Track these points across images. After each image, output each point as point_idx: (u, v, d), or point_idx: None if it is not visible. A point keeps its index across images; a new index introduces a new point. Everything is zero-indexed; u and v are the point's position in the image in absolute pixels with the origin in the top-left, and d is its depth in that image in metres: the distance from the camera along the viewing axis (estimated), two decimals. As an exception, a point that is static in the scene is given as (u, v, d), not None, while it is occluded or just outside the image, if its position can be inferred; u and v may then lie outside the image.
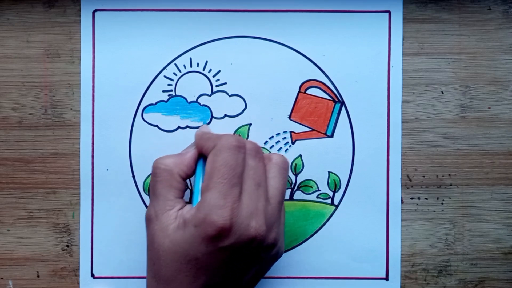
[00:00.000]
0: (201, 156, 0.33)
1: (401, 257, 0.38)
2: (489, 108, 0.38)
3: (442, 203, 0.38)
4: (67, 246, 0.38)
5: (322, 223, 0.38)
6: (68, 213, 0.38)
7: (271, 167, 0.32)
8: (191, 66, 0.38)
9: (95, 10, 0.38)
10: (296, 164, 0.38)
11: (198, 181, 0.32)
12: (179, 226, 0.30)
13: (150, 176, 0.37)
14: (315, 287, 0.38)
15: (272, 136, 0.38)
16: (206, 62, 0.38)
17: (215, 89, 0.38)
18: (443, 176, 0.38)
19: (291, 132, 0.38)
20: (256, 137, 0.38)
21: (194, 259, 0.29)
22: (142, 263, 0.38)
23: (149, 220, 0.31)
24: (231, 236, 0.29)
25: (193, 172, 0.33)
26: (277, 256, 0.33)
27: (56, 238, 0.38)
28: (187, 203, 0.32)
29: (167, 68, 0.38)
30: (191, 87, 0.38)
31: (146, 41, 0.37)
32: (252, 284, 0.33)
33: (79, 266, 0.38)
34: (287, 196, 0.38)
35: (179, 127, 0.38)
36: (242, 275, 0.31)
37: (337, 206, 0.38)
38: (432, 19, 0.38)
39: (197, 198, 0.31)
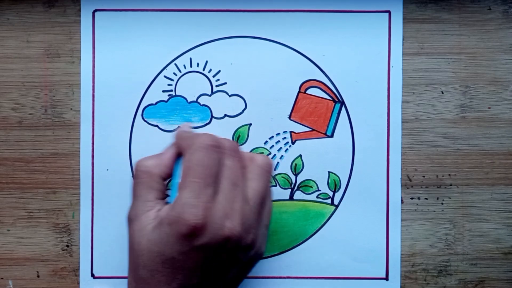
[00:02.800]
0: (180, 156, 0.33)
1: (401, 257, 0.38)
2: (489, 108, 0.38)
3: (442, 203, 0.38)
4: (67, 246, 0.38)
5: (322, 223, 0.38)
6: (68, 213, 0.38)
7: (252, 168, 0.32)
8: (191, 66, 0.38)
9: (95, 10, 0.38)
10: (296, 164, 0.38)
11: (175, 180, 0.32)
12: (155, 226, 0.30)
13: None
14: (315, 287, 0.38)
15: (272, 136, 0.38)
16: (206, 62, 0.38)
17: (215, 89, 0.38)
18: (443, 176, 0.38)
19: (291, 132, 0.38)
20: (256, 137, 0.38)
21: (170, 259, 0.29)
22: (142, 263, 0.38)
23: (129, 221, 0.32)
24: (205, 235, 0.29)
25: (171, 172, 0.33)
26: (257, 257, 0.32)
27: (56, 238, 0.38)
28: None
29: (167, 68, 0.38)
30: (191, 87, 0.38)
31: (146, 41, 0.37)
32: (233, 285, 0.32)
33: (79, 266, 0.38)
34: (287, 196, 0.38)
35: (179, 127, 0.38)
36: (220, 276, 0.31)
37: (337, 206, 0.38)
38: (432, 19, 0.38)
39: (174, 196, 0.31)
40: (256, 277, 0.38)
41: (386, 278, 0.38)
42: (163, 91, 0.38)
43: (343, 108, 0.38)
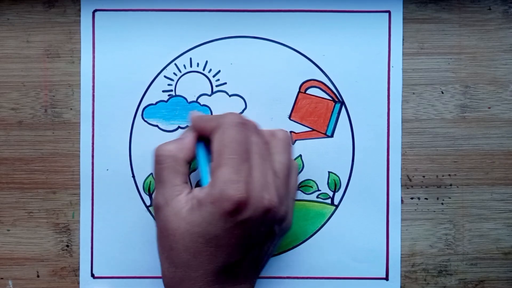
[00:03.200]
0: (200, 139, 0.33)
1: (401, 257, 0.38)
2: (489, 108, 0.38)
3: (442, 203, 0.38)
4: (67, 246, 0.38)
5: (322, 223, 0.38)
6: (68, 213, 0.38)
7: (276, 143, 0.33)
8: (191, 66, 0.38)
9: (95, 10, 0.38)
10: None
11: (203, 163, 0.33)
12: (193, 207, 0.30)
13: (149, 176, 0.38)
14: (315, 287, 0.38)
15: (272, 136, 0.38)
16: (206, 62, 0.38)
17: (215, 89, 0.38)
18: (443, 176, 0.38)
19: (291, 132, 0.38)
20: (256, 137, 0.38)
21: (214, 237, 0.29)
22: (142, 263, 0.38)
23: (158, 208, 0.31)
24: (248, 209, 0.29)
25: (194, 156, 0.33)
26: (286, 230, 0.33)
27: (56, 238, 0.38)
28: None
29: (167, 68, 0.38)
30: (191, 87, 0.38)
31: (146, 41, 0.37)
32: (266, 261, 0.33)
33: (79, 266, 0.38)
34: (287, 196, 0.38)
35: (179, 127, 0.38)
36: (257, 250, 0.31)
37: (337, 206, 0.38)
38: (432, 19, 0.38)
39: (206, 178, 0.32)
40: (256, 277, 0.38)
41: (386, 278, 0.38)
42: (163, 91, 0.38)
43: (343, 108, 0.38)
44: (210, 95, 0.38)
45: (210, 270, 0.30)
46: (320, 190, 0.38)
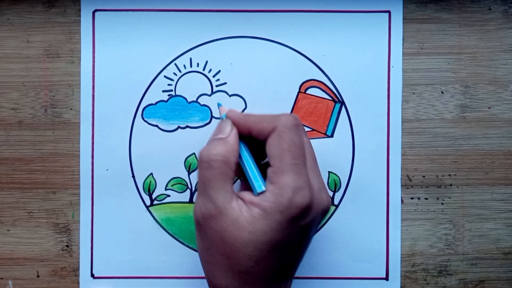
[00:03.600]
0: (241, 139, 0.31)
1: (401, 257, 0.38)
2: (489, 108, 0.38)
3: (442, 203, 0.38)
4: (67, 246, 0.38)
5: (322, 223, 0.38)
6: (68, 213, 0.38)
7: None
8: (191, 66, 0.38)
9: (95, 10, 0.38)
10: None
11: (250, 165, 0.31)
12: (256, 216, 0.28)
13: (149, 176, 0.37)
14: (315, 287, 0.38)
15: (272, 136, 0.38)
16: (206, 62, 0.38)
17: (215, 89, 0.38)
18: (443, 176, 0.38)
19: (291, 132, 0.38)
20: (256, 137, 0.38)
21: (280, 243, 0.29)
22: (142, 263, 0.38)
23: (209, 218, 0.29)
24: (312, 213, 0.29)
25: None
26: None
27: (56, 238, 0.38)
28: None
29: (167, 68, 0.38)
30: (191, 87, 0.38)
31: (146, 41, 0.37)
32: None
33: (79, 266, 0.38)
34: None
35: (179, 127, 0.38)
36: (308, 247, 0.32)
37: (337, 206, 0.38)
38: (432, 19, 0.38)
39: (258, 182, 0.30)
40: (256, 277, 0.38)
41: (386, 278, 0.38)
42: (163, 91, 0.38)
43: (343, 108, 0.38)
44: (210, 95, 0.38)
45: (271, 273, 0.30)
46: (320, 190, 0.38)
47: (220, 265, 0.30)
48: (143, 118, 0.38)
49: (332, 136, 0.38)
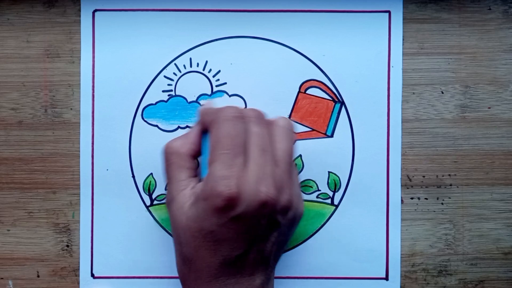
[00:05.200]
0: (207, 132, 0.33)
1: (401, 257, 0.38)
2: (489, 108, 0.38)
3: (442, 203, 0.38)
4: (67, 246, 0.38)
5: (322, 223, 0.38)
6: (68, 213, 0.38)
7: (276, 130, 0.32)
8: (191, 66, 0.38)
9: (95, 10, 0.38)
10: (296, 164, 0.38)
11: (204, 156, 0.33)
12: (192, 202, 0.30)
13: (149, 176, 0.38)
14: (315, 287, 0.38)
15: (272, 136, 0.38)
16: (206, 62, 0.38)
17: (215, 89, 0.38)
18: (443, 176, 0.38)
19: (291, 132, 0.38)
20: (256, 137, 0.38)
21: (209, 233, 0.30)
22: (142, 263, 0.38)
23: (168, 204, 0.32)
24: (241, 204, 0.29)
25: (200, 149, 0.33)
26: (296, 218, 0.32)
27: (56, 238, 0.38)
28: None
29: (167, 68, 0.38)
30: (191, 87, 0.38)
31: (146, 41, 0.37)
32: (277, 253, 0.33)
33: (79, 266, 0.38)
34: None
35: (179, 127, 0.38)
36: (261, 243, 0.31)
37: (337, 206, 0.38)
38: (432, 19, 0.38)
39: (205, 172, 0.32)
40: (256, 277, 0.38)
41: (386, 278, 0.38)
42: (163, 91, 0.38)
43: (343, 108, 0.38)
44: (210, 95, 0.38)
45: (213, 263, 0.30)
46: (320, 190, 0.38)
47: (175, 249, 0.32)
48: (143, 118, 0.38)
49: (332, 136, 0.38)
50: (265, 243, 0.31)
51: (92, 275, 0.38)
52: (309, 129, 0.38)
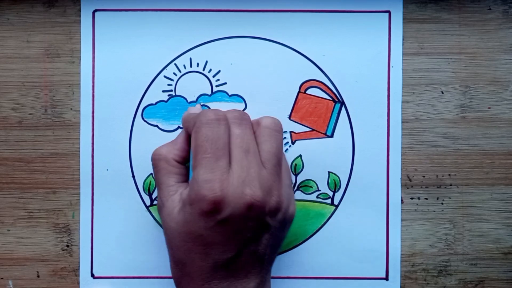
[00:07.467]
0: None
1: (401, 257, 0.38)
2: (489, 108, 0.38)
3: (442, 203, 0.38)
4: (67, 246, 0.38)
5: (322, 223, 0.38)
6: (68, 213, 0.38)
7: (261, 131, 0.32)
8: (191, 66, 0.38)
9: (95, 10, 0.38)
10: (296, 164, 0.38)
11: (191, 161, 0.33)
12: (181, 207, 0.31)
13: (150, 176, 0.38)
14: (315, 287, 0.38)
15: (272, 136, 0.38)
16: (206, 62, 0.38)
17: (215, 89, 0.38)
18: (443, 176, 0.38)
19: (291, 132, 0.38)
20: (256, 137, 0.38)
21: (198, 236, 0.30)
22: (142, 263, 0.38)
23: (159, 209, 0.33)
24: (226, 207, 0.29)
25: (189, 154, 0.33)
26: (286, 220, 0.32)
27: (56, 238, 0.38)
28: None
29: (167, 68, 0.38)
30: (191, 87, 0.38)
31: (146, 41, 0.37)
32: (271, 255, 0.32)
33: (79, 266, 0.38)
34: (287, 196, 0.38)
35: (179, 127, 0.38)
36: (253, 246, 0.31)
37: (337, 206, 0.38)
38: (432, 19, 0.38)
39: (190, 176, 0.32)
40: (256, 277, 0.38)
41: (386, 278, 0.38)
42: (163, 91, 0.38)
43: (343, 108, 0.38)
44: (210, 95, 0.38)
45: (204, 267, 0.30)
46: (320, 190, 0.38)
47: (169, 253, 0.32)
48: (143, 118, 0.38)
49: (332, 136, 0.38)
50: (256, 246, 0.31)
51: (92, 275, 0.38)
52: (309, 129, 0.38)
